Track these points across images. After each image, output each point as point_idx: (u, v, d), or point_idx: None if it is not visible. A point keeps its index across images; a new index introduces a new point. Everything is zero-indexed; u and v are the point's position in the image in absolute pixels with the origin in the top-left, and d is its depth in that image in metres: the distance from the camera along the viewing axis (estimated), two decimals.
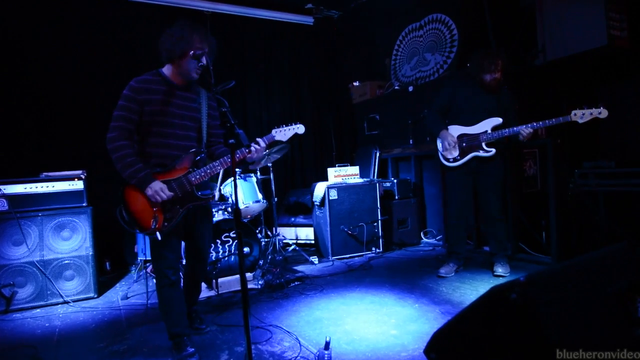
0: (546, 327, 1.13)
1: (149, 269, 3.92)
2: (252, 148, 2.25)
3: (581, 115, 3.01)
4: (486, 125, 3.33)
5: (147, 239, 3.90)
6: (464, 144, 3.41)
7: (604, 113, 2.98)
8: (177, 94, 2.25)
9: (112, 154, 2.11)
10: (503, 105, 3.37)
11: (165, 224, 2.19)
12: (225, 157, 2.28)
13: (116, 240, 4.50)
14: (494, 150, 3.32)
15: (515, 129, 3.18)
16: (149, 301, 3.27)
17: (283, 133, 2.44)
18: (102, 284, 3.76)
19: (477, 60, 3.34)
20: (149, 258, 4.00)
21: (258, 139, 2.33)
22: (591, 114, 2.99)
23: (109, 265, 4.32)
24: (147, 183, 2.13)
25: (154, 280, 2.37)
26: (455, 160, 3.47)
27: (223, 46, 5.27)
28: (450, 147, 3.45)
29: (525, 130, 3.14)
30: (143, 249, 3.94)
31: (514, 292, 1.22)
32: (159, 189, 2.14)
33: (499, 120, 3.30)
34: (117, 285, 3.90)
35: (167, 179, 2.21)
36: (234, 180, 1.58)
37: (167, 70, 2.26)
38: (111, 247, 4.40)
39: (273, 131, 2.45)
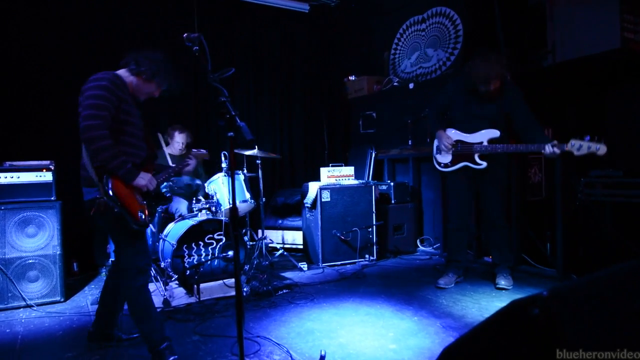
0: (571, 345, 1.13)
1: None
2: (189, 162, 2.66)
3: (578, 147, 2.96)
4: (483, 136, 3.38)
5: None
6: (458, 151, 3.45)
7: (602, 150, 2.91)
8: (134, 101, 2.43)
9: (93, 142, 2.09)
10: (506, 110, 3.37)
11: (149, 218, 2.30)
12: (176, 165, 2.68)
13: (85, 239, 4.40)
14: (485, 163, 3.36)
15: (513, 147, 3.20)
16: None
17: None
18: (69, 287, 3.66)
19: (470, 71, 3.30)
20: None
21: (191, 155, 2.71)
22: (589, 148, 2.93)
23: (76, 266, 4.21)
24: (137, 173, 2.24)
25: (124, 284, 2.33)
26: (446, 166, 3.53)
27: (210, 32, 5.21)
28: (444, 149, 3.50)
29: (550, 149, 3.05)
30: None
31: (536, 307, 1.22)
32: (150, 177, 2.31)
33: (496, 133, 3.34)
34: (86, 288, 3.81)
35: None
36: (232, 176, 1.55)
37: (125, 77, 2.35)
38: (79, 246, 4.30)
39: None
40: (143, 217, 2.24)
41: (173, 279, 3.55)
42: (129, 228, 2.19)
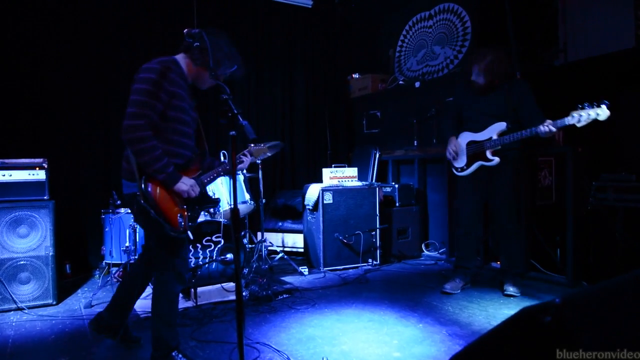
0: (584, 355, 1.14)
1: (116, 274, 3.85)
2: (243, 159, 2.50)
3: (578, 118, 2.86)
4: (491, 131, 3.39)
5: (114, 238, 3.86)
6: (471, 152, 3.49)
7: (603, 114, 2.80)
8: (191, 92, 2.34)
9: (135, 144, 2.04)
10: (513, 102, 3.39)
11: (190, 224, 2.27)
12: (226, 163, 2.48)
13: (79, 240, 4.42)
14: (497, 159, 3.37)
15: (519, 134, 3.20)
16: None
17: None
18: (62, 290, 3.66)
19: (466, 62, 3.41)
20: (116, 261, 3.93)
21: (246, 151, 2.57)
22: (589, 116, 2.83)
23: (69, 268, 4.22)
24: (178, 178, 2.17)
25: (160, 286, 2.30)
26: (462, 169, 3.57)
27: (209, 27, 5.20)
28: (454, 154, 3.55)
29: (544, 128, 3.04)
30: (111, 250, 3.86)
31: (548, 315, 1.22)
32: (192, 183, 2.21)
33: (502, 125, 3.35)
34: (79, 291, 3.82)
35: None
36: (233, 178, 1.56)
37: (183, 63, 2.27)
38: (73, 247, 4.32)
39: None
40: (182, 223, 2.16)
41: None
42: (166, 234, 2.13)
